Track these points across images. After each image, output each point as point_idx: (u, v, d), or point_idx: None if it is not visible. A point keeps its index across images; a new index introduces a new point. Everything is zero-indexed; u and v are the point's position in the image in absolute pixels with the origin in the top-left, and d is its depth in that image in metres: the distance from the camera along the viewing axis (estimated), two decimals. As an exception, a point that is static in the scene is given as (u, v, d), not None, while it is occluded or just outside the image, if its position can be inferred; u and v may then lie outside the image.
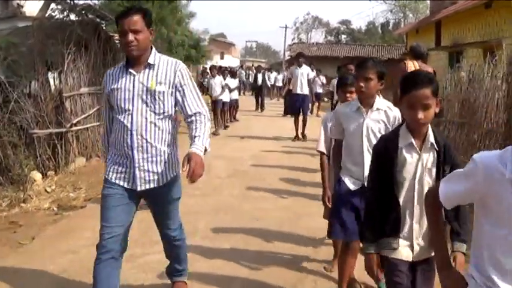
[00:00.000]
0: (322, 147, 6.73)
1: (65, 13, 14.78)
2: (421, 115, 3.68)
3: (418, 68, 9.91)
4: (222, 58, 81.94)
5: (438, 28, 31.34)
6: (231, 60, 75.80)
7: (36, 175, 11.53)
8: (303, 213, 9.70)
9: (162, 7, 20.37)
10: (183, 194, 5.80)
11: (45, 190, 11.07)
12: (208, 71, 23.27)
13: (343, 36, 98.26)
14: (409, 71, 9.50)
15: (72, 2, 15.09)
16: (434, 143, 3.89)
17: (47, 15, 14.49)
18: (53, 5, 14.79)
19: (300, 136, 19.77)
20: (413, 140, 3.87)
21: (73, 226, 8.86)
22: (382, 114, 5.52)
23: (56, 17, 14.67)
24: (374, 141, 5.03)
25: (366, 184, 4.85)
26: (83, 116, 13.65)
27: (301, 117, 19.65)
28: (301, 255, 7.60)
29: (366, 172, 4.83)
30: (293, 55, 56.75)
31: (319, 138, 6.81)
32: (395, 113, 5.52)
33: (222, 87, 21.62)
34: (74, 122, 13.22)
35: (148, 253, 7.56)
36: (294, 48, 60.74)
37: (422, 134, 3.89)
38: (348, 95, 6.35)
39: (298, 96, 19.57)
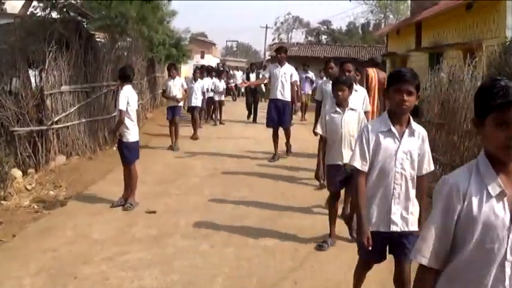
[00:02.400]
0: (359, 162, 5.04)
1: (47, 11, 14.73)
2: None
3: (376, 73, 12.71)
4: (202, 57, 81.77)
5: (419, 29, 31.46)
6: (211, 60, 75.62)
7: (17, 173, 11.50)
8: (283, 213, 9.72)
9: (142, 6, 20.26)
10: (163, 193, 5.77)
11: (26, 188, 11.05)
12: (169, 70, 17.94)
13: (324, 36, 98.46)
14: (370, 75, 12.64)
15: (54, 0, 15.03)
16: None
17: (28, 12, 14.43)
18: (34, 3, 14.73)
19: (282, 148, 15.41)
20: None
21: (53, 224, 8.85)
22: None
23: (38, 14, 14.62)
24: None
25: None
26: (64, 114, 13.60)
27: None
28: (281, 255, 7.63)
29: None
30: (274, 55, 56.45)
31: (355, 151, 5.10)
32: None
33: (185, 91, 17.56)
34: (55, 119, 13.17)
35: (126, 252, 7.58)
36: (275, 48, 60.69)
37: None
38: (405, 97, 4.75)
39: (276, 102, 14.81)
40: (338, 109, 7.90)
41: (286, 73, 14.81)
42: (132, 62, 19.40)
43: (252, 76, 28.21)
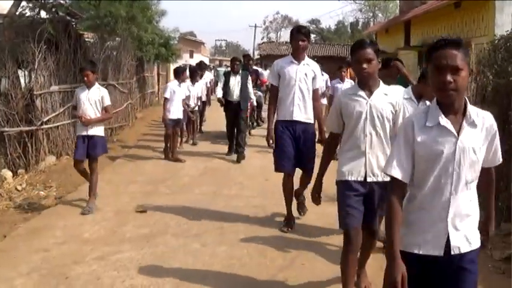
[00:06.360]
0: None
1: (36, 11, 14.69)
2: None
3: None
4: (191, 57, 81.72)
5: (407, 28, 31.54)
6: (200, 59, 75.61)
7: (7, 173, 11.50)
8: (274, 212, 9.72)
9: (132, 5, 20.17)
10: (153, 192, 5.76)
11: (16, 188, 11.03)
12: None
13: (313, 35, 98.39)
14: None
15: (43, 0, 15.00)
16: None
17: (17, 12, 14.39)
18: (23, 3, 14.69)
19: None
20: None
21: (44, 224, 8.83)
22: None
23: (27, 14, 14.57)
24: None
25: None
26: (54, 114, 13.56)
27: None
28: (272, 253, 7.65)
29: None
30: (263, 54, 56.26)
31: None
32: None
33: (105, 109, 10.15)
34: (45, 120, 13.15)
35: (118, 251, 7.58)
36: (264, 47, 60.66)
37: None
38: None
39: (293, 127, 8.40)
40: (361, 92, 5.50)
41: (308, 74, 8.44)
42: (121, 62, 19.37)
43: (234, 80, 15.48)
